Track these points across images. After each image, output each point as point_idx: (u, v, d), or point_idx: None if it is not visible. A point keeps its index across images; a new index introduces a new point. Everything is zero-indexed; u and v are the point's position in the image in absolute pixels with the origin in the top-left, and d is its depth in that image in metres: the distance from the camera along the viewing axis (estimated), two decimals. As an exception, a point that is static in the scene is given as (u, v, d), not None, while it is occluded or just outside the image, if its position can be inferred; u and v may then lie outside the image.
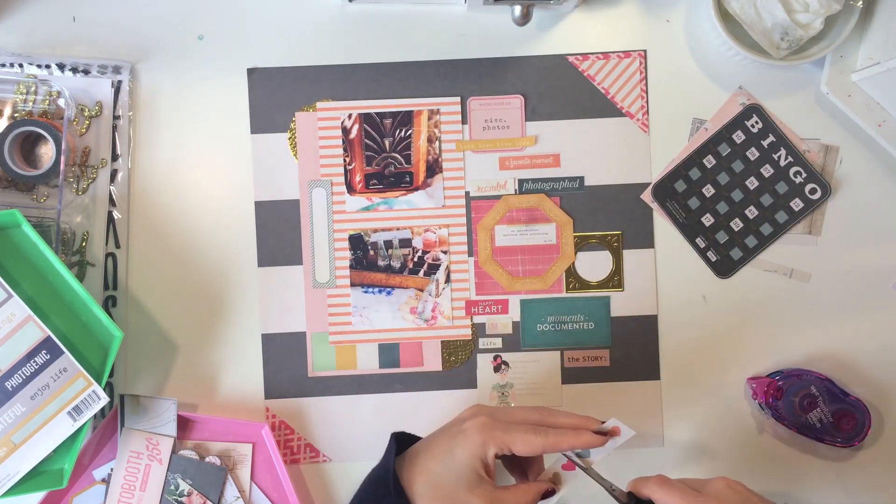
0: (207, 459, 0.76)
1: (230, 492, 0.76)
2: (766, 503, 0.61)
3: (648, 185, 0.79)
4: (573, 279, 0.79)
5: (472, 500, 0.61)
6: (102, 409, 0.75)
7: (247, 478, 0.77)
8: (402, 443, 0.67)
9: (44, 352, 0.68)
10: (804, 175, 0.79)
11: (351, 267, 0.79)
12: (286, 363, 0.79)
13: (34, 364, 0.68)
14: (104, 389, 0.70)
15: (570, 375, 0.79)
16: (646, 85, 0.80)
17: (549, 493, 0.65)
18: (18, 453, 0.69)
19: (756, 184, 0.79)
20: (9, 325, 0.68)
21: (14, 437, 0.68)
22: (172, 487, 0.75)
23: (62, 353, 0.69)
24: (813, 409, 0.76)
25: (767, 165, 0.79)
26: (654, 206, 0.79)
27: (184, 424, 0.77)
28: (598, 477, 0.64)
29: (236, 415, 0.78)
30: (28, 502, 0.73)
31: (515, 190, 0.80)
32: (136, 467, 0.75)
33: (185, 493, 0.75)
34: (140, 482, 0.75)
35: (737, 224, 0.79)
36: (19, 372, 0.68)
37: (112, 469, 0.75)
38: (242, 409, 0.78)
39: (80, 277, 0.77)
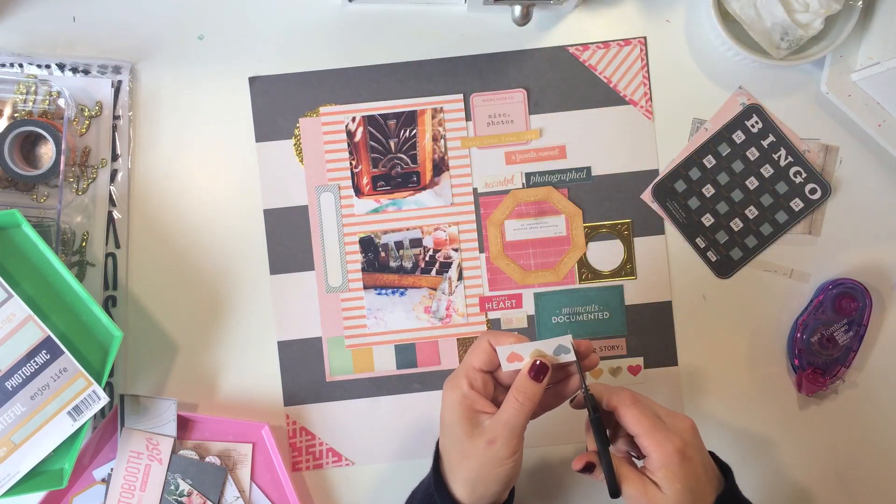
0: (207, 459, 0.76)
1: (230, 492, 0.76)
2: (711, 463, 0.61)
3: (656, 171, 0.79)
4: (585, 270, 0.79)
5: (476, 444, 0.60)
6: (102, 409, 0.75)
7: (247, 478, 0.77)
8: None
9: (44, 352, 0.68)
10: (804, 175, 0.79)
11: (363, 269, 0.79)
12: (303, 369, 0.79)
13: (34, 364, 0.68)
14: (104, 389, 0.70)
15: (588, 366, 0.79)
16: (647, 72, 0.79)
17: (541, 370, 0.61)
18: (18, 453, 0.68)
19: (756, 184, 0.79)
20: (9, 325, 0.68)
21: (14, 437, 0.68)
22: (172, 487, 0.75)
23: (62, 353, 0.69)
24: (833, 338, 0.76)
25: (767, 165, 0.79)
26: (655, 206, 0.79)
27: (184, 424, 0.77)
28: (579, 368, 0.61)
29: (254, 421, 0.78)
30: (28, 502, 0.73)
31: (523, 184, 0.80)
32: (136, 467, 0.75)
33: (185, 493, 0.75)
34: (140, 482, 0.75)
35: (737, 224, 0.79)
36: (19, 372, 0.68)
37: (112, 469, 0.75)
38: (261, 416, 0.78)
39: (80, 277, 0.77)
